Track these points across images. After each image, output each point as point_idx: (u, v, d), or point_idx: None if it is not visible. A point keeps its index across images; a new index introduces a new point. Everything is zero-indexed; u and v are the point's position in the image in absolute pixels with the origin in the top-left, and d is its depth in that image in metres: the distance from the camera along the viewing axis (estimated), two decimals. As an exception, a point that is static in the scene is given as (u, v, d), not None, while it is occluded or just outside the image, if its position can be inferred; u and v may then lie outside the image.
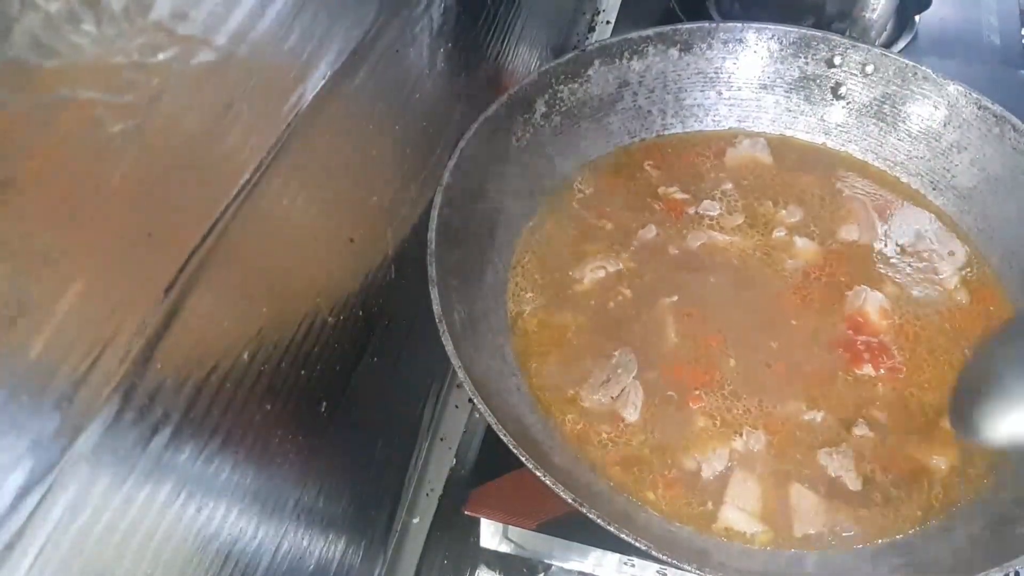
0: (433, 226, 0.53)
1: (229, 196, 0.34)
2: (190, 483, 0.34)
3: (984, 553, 0.47)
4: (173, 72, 0.29)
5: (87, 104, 0.25)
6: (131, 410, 0.29)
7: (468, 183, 0.59)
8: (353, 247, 0.48)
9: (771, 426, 0.55)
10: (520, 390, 0.55)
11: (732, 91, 0.72)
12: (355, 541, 0.55)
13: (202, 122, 0.32)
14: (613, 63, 0.69)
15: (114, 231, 0.28)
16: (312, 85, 0.39)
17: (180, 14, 0.29)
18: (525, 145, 0.65)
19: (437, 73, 0.56)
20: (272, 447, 0.42)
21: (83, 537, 0.28)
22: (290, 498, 0.45)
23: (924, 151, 0.69)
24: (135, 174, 0.28)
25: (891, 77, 0.69)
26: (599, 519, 0.44)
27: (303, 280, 0.43)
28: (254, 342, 0.38)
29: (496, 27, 0.68)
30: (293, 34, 0.37)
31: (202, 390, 0.34)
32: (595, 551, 0.58)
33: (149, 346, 0.30)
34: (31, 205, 0.24)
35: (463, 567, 0.63)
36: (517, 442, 0.46)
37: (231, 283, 0.35)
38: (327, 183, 0.44)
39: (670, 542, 0.48)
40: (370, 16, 0.44)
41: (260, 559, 0.42)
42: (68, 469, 0.27)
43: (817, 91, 0.72)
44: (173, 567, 0.34)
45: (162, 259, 0.30)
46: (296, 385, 0.43)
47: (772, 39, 0.71)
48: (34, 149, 0.24)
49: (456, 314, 0.53)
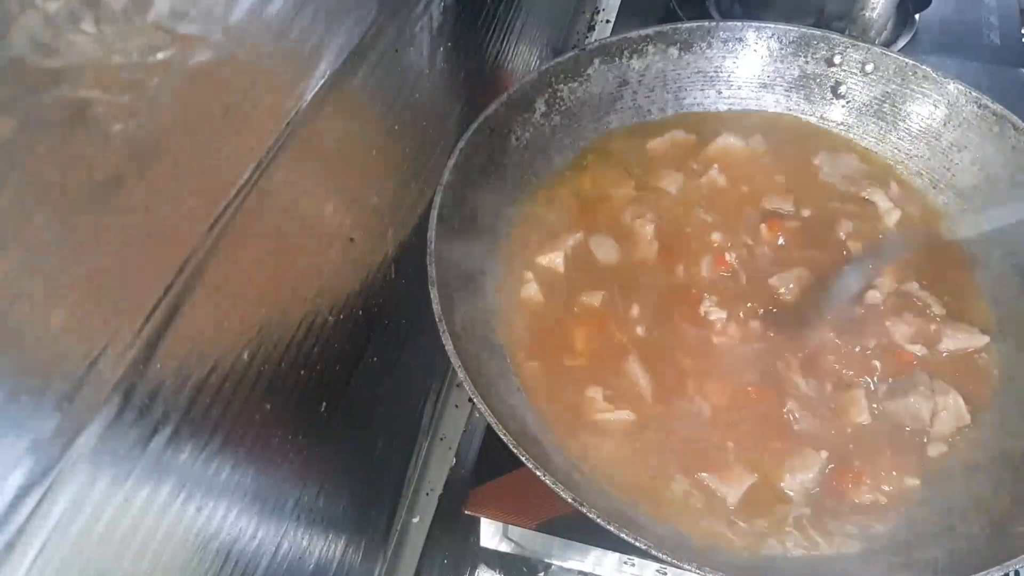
0: (433, 226, 0.53)
1: (229, 196, 0.34)
2: (190, 483, 0.34)
3: (984, 553, 0.47)
4: (172, 71, 0.29)
5: (86, 103, 0.25)
6: (131, 410, 0.29)
7: (468, 183, 0.59)
8: (353, 247, 0.48)
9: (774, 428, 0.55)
10: (520, 390, 0.55)
11: (732, 90, 0.72)
12: (355, 541, 0.55)
13: (201, 121, 0.32)
14: (613, 62, 0.69)
15: (114, 231, 0.28)
16: (312, 84, 0.39)
17: (179, 13, 0.29)
18: (525, 144, 0.65)
19: (437, 73, 0.56)
20: (272, 447, 0.42)
21: (83, 537, 0.28)
22: (290, 498, 0.45)
23: (924, 150, 0.69)
24: (134, 173, 0.28)
25: (891, 76, 0.69)
26: (599, 519, 0.44)
27: (303, 280, 0.43)
28: (254, 342, 0.38)
29: (496, 26, 0.68)
30: (292, 34, 0.37)
31: (202, 390, 0.34)
32: (595, 550, 0.58)
33: (149, 346, 0.30)
34: (30, 205, 0.24)
35: (463, 567, 0.63)
36: (517, 442, 0.46)
37: (231, 283, 0.35)
38: (327, 183, 0.44)
39: (670, 542, 0.48)
40: (370, 16, 0.44)
41: (260, 559, 0.42)
42: (68, 469, 0.27)
43: (817, 90, 0.72)
44: (173, 567, 0.34)
45: (162, 259, 0.30)
46: (296, 385, 0.43)
47: (772, 38, 0.71)
48: (33, 149, 0.24)
49: (456, 314, 0.52)
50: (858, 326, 0.59)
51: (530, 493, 0.55)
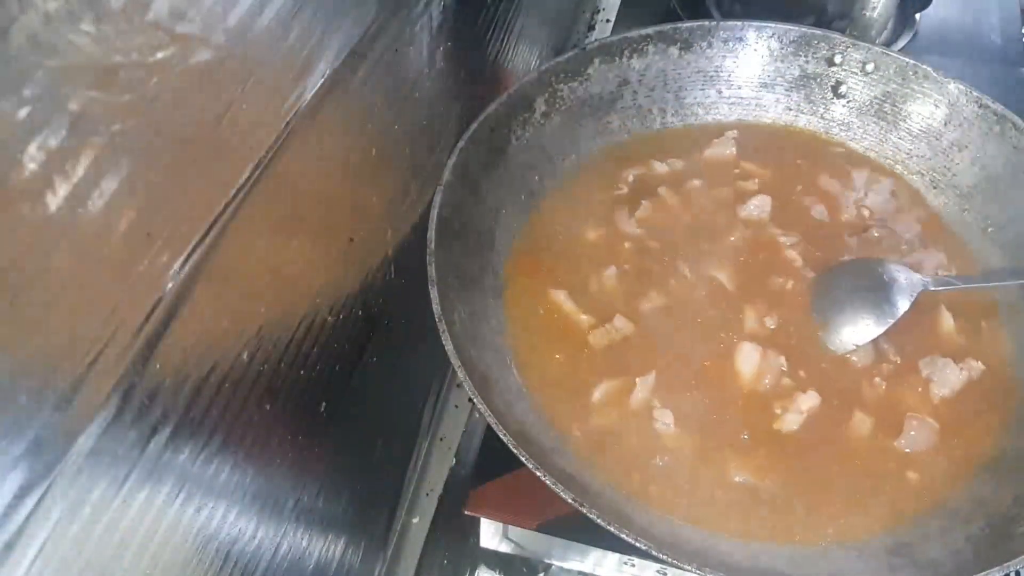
0: (433, 226, 0.53)
1: (228, 196, 0.34)
2: (189, 483, 0.34)
3: (984, 553, 0.47)
4: (172, 71, 0.29)
5: (86, 102, 0.25)
6: (130, 410, 0.29)
7: (468, 183, 0.59)
8: (353, 247, 0.48)
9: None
10: (520, 390, 0.55)
11: (732, 89, 0.72)
12: (355, 541, 0.55)
13: (201, 121, 0.32)
14: (613, 61, 0.69)
15: (112, 230, 0.28)
16: (311, 84, 0.39)
17: (178, 13, 0.29)
18: (525, 144, 0.65)
19: (437, 72, 0.56)
20: (272, 447, 0.42)
21: (82, 537, 0.28)
22: (290, 498, 0.45)
23: (925, 150, 0.69)
24: (133, 173, 0.28)
25: (891, 76, 0.69)
26: (599, 519, 0.44)
27: (303, 280, 0.43)
28: (254, 342, 0.38)
29: (496, 26, 0.68)
30: (292, 33, 0.37)
31: (201, 390, 0.34)
32: (595, 551, 0.58)
33: (148, 346, 0.30)
34: (29, 204, 0.24)
35: (463, 567, 0.63)
36: (517, 442, 0.45)
37: (230, 283, 0.35)
38: (326, 182, 0.44)
39: (670, 542, 0.48)
40: (369, 15, 0.44)
41: (260, 559, 0.42)
42: (67, 469, 0.27)
43: (817, 89, 0.72)
44: (172, 567, 0.34)
45: (161, 259, 0.30)
46: (296, 385, 0.43)
47: (772, 37, 0.71)
48: (32, 148, 0.24)
49: (456, 314, 0.52)
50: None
51: (530, 493, 0.55)
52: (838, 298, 0.60)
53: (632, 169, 0.68)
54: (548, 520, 0.56)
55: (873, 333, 0.58)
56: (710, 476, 0.52)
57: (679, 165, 0.69)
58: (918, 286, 0.59)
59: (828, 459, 0.53)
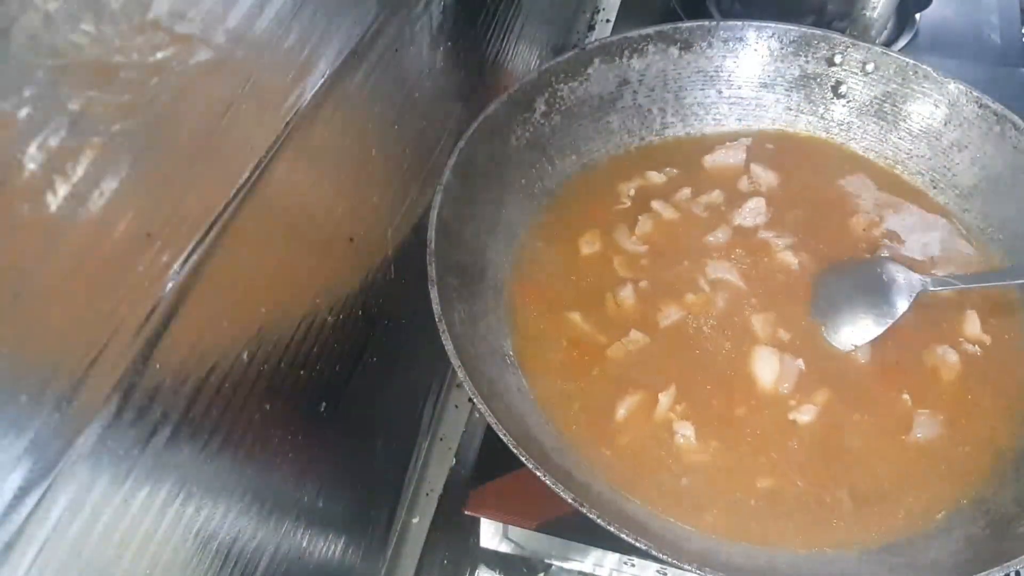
0: (433, 226, 0.53)
1: (228, 196, 0.34)
2: (189, 483, 0.34)
3: (984, 553, 0.47)
4: (171, 71, 0.29)
5: (86, 102, 0.25)
6: (130, 410, 0.29)
7: (468, 183, 0.59)
8: (353, 247, 0.48)
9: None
10: (520, 390, 0.55)
11: (732, 90, 0.72)
12: (355, 541, 0.55)
13: (201, 121, 0.32)
14: (613, 61, 0.69)
15: (112, 230, 0.28)
16: (311, 84, 0.39)
17: (178, 13, 0.29)
18: (525, 144, 0.65)
19: (437, 72, 0.56)
20: (272, 447, 0.42)
21: (82, 537, 0.28)
22: (290, 498, 0.45)
23: (925, 150, 0.69)
24: (133, 173, 0.28)
25: (891, 76, 0.69)
26: (599, 519, 0.44)
27: (303, 280, 0.43)
28: (253, 342, 0.38)
29: (496, 26, 0.68)
30: (292, 33, 0.37)
31: (201, 390, 0.34)
32: (595, 551, 0.58)
33: (148, 346, 0.30)
34: (29, 204, 0.24)
35: (463, 567, 0.63)
36: (517, 442, 0.45)
37: (230, 283, 0.35)
38: (326, 182, 0.44)
39: (670, 542, 0.48)
40: (369, 15, 0.44)
41: (260, 559, 0.42)
42: (67, 469, 0.27)
43: (817, 90, 0.72)
44: (172, 567, 0.34)
45: (161, 259, 0.30)
46: (296, 385, 0.43)
47: (772, 37, 0.71)
48: (32, 148, 0.24)
49: (456, 314, 0.52)
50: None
51: (530, 493, 0.55)
52: (837, 298, 0.60)
53: (631, 182, 0.68)
54: (548, 520, 0.56)
55: (872, 333, 0.58)
56: (734, 484, 0.52)
57: (678, 171, 0.69)
58: (917, 286, 0.59)
59: (832, 460, 0.53)
